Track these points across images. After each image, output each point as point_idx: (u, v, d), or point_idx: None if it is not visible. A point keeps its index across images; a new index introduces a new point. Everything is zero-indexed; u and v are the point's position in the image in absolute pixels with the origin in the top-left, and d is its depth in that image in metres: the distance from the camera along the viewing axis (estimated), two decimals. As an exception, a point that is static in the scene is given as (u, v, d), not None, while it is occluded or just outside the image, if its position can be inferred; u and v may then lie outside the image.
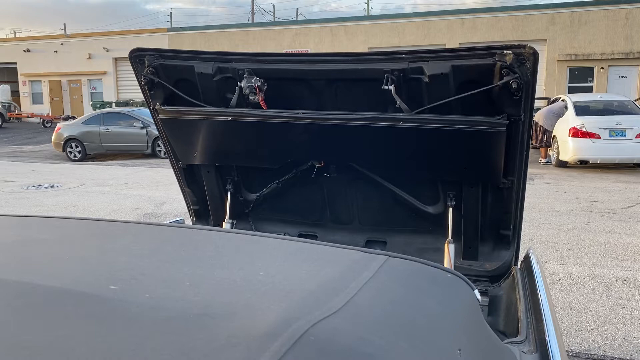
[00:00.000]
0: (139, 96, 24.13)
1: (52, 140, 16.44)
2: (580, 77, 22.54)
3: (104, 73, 30.47)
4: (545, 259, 5.43)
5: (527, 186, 2.53)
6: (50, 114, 29.50)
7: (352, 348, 0.73)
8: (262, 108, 2.48)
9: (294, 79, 2.46)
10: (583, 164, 11.69)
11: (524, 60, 2.04)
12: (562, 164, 11.98)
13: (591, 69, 22.33)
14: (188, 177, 3.06)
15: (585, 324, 3.95)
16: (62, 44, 31.45)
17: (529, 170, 2.51)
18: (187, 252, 1.18)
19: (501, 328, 2.18)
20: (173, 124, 2.72)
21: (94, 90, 31.05)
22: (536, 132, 13.10)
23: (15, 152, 18.45)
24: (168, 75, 2.60)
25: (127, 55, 2.59)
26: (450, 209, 2.65)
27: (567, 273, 5.02)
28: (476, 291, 1.20)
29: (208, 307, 0.81)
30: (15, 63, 32.69)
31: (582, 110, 11.89)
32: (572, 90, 21.44)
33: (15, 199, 9.20)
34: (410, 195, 2.77)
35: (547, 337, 1.70)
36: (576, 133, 11.25)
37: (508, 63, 2.05)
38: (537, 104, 15.53)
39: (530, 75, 2.06)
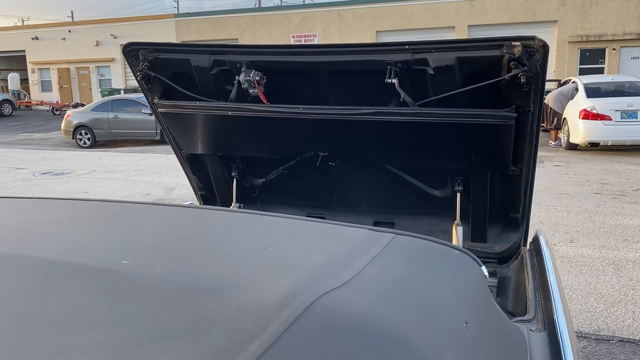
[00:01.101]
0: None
1: (62, 127, 16.54)
2: (591, 59, 22.25)
3: (112, 60, 30.51)
4: (555, 241, 5.42)
5: (537, 169, 2.50)
6: (59, 102, 29.66)
7: (359, 317, 0.74)
8: (262, 101, 2.44)
9: (294, 71, 2.41)
10: (594, 147, 11.59)
11: (534, 53, 1.97)
12: (573, 147, 11.88)
13: (602, 50, 22.03)
14: (193, 165, 3.07)
15: (594, 305, 3.95)
16: (69, 31, 31.51)
17: (539, 153, 2.48)
18: (197, 231, 1.20)
19: (510, 308, 2.19)
20: (173, 117, 2.70)
21: (102, 78, 31.15)
22: (546, 114, 12.99)
23: (25, 139, 18.60)
24: (164, 69, 2.56)
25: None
26: (458, 194, 2.64)
27: (577, 255, 5.01)
28: (483, 267, 1.21)
29: (218, 280, 0.83)
30: (23, 51, 32.83)
31: (593, 92, 11.76)
32: (583, 72, 21.17)
33: (26, 186, 9.29)
34: (417, 180, 2.76)
35: (555, 316, 1.71)
36: (587, 115, 11.14)
37: (517, 55, 1.97)
38: (547, 86, 15.36)
39: (540, 68, 1.99)
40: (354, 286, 0.83)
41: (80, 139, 15.97)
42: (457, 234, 2.65)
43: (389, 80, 2.16)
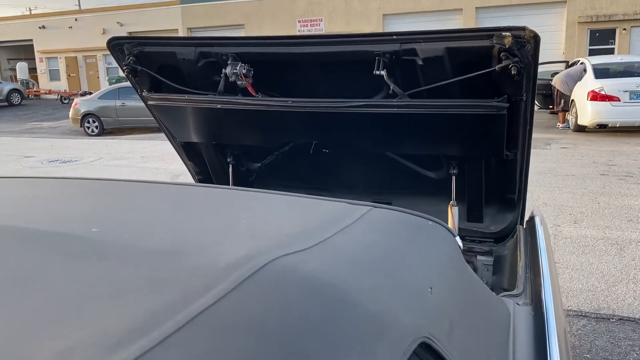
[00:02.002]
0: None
1: (70, 115, 16.62)
2: (601, 40, 21.89)
3: (119, 48, 30.50)
4: (558, 222, 5.40)
5: (544, 151, 2.50)
6: (67, 90, 29.78)
7: (313, 276, 0.75)
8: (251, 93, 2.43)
9: (282, 63, 2.39)
10: (602, 128, 11.46)
11: (525, 43, 1.93)
12: (581, 129, 11.75)
13: (613, 31, 21.65)
14: (188, 152, 3.10)
15: (595, 284, 3.94)
16: (76, 19, 31.52)
17: (546, 135, 2.47)
18: (177, 204, 1.21)
19: (505, 285, 2.21)
20: (163, 109, 2.72)
21: (110, 66, 31.16)
22: (554, 96, 12.85)
23: (34, 128, 18.74)
24: (150, 62, 2.57)
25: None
26: (454, 177, 2.64)
27: (580, 235, 5.00)
28: (457, 238, 1.22)
29: (181, 245, 0.84)
30: (31, 40, 32.92)
31: (601, 72, 11.59)
32: (592, 53, 20.83)
33: (35, 173, 9.39)
34: (413, 163, 2.77)
35: (542, 291, 1.72)
36: (595, 96, 10.99)
37: (507, 46, 1.94)
38: (555, 67, 15.17)
39: (531, 58, 1.96)
40: (316, 250, 0.84)
41: (88, 127, 16.05)
42: (453, 214, 2.67)
43: (377, 72, 2.14)
